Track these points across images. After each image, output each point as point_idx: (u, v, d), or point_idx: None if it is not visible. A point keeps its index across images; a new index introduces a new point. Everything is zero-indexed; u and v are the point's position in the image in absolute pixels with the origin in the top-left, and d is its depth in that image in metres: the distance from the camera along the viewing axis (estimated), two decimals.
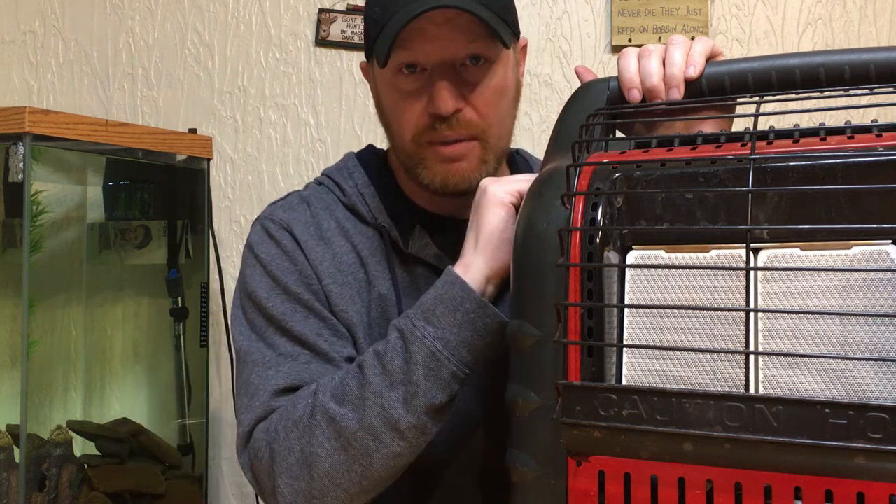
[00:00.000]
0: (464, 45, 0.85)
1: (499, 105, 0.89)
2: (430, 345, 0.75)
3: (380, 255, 0.91)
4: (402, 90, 0.88)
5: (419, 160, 0.89)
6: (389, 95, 0.90)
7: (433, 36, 0.84)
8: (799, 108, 0.62)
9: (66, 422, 1.61)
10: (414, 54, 0.85)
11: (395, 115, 0.90)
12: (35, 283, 1.61)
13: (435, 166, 0.88)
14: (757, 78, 0.69)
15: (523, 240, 0.62)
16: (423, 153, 0.88)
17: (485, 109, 0.87)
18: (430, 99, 0.85)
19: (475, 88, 0.86)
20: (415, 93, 0.87)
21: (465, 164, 0.88)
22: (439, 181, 0.89)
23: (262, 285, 0.89)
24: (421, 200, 0.96)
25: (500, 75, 0.88)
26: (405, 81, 0.87)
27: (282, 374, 0.84)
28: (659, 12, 1.76)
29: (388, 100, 0.91)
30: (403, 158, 0.92)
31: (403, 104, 0.88)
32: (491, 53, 0.87)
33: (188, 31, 1.91)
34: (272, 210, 0.95)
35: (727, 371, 0.54)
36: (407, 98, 0.87)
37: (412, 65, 0.86)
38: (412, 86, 0.87)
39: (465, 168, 0.88)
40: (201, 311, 1.81)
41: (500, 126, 0.90)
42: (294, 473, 0.78)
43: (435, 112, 0.85)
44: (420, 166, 0.89)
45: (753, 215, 0.55)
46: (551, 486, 0.58)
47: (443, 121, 0.86)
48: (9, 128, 1.33)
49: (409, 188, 0.96)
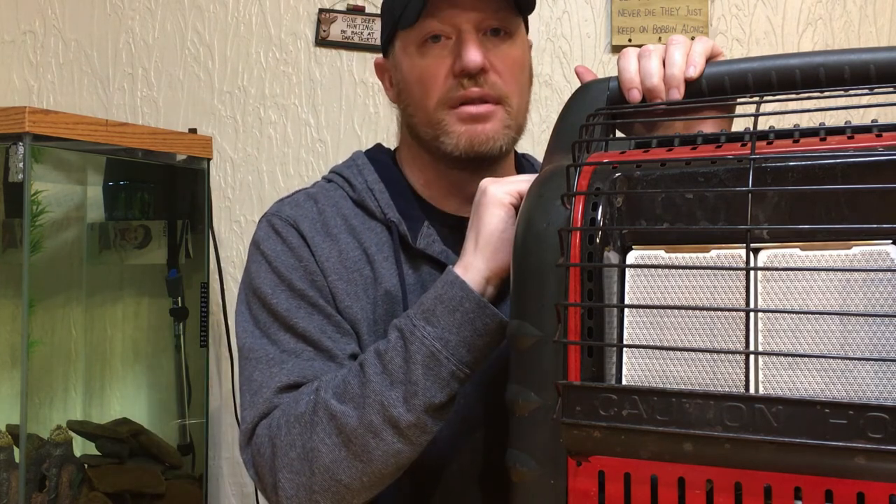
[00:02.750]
0: (489, 14, 0.88)
1: (519, 77, 0.92)
2: (430, 344, 0.75)
3: (387, 250, 0.91)
4: (426, 56, 0.89)
5: (442, 128, 0.89)
6: (414, 64, 0.91)
7: (460, 3, 0.87)
8: (799, 108, 0.62)
9: (66, 422, 1.61)
10: (442, 20, 0.87)
11: (420, 82, 0.90)
12: (35, 283, 1.61)
13: (459, 128, 0.89)
14: (757, 78, 0.69)
15: (523, 240, 0.62)
16: (447, 118, 0.89)
17: (508, 76, 0.90)
18: (457, 57, 0.87)
19: (499, 54, 0.89)
20: (441, 57, 0.89)
21: (490, 125, 0.89)
22: (465, 142, 0.89)
23: (267, 281, 0.89)
24: (430, 197, 0.96)
25: (518, 49, 0.92)
26: (431, 49, 0.89)
27: (285, 372, 0.84)
28: (659, 12, 1.76)
29: (411, 72, 0.91)
30: (425, 131, 0.92)
31: (429, 70, 0.89)
32: (511, 27, 0.90)
33: (188, 31, 1.91)
34: (279, 206, 0.95)
35: (727, 371, 0.54)
36: (432, 65, 0.89)
37: (437, 36, 0.88)
38: (438, 53, 0.89)
39: (489, 130, 0.89)
40: (201, 311, 1.81)
41: (520, 98, 0.92)
42: (295, 468, 0.78)
43: (464, 66, 0.87)
44: (443, 133, 0.90)
45: (753, 215, 0.55)
46: (551, 486, 0.58)
47: (470, 78, 0.87)
48: (9, 128, 1.33)
49: (418, 185, 0.97)
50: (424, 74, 0.90)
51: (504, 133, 0.89)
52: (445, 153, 0.90)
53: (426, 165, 0.96)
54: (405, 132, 0.97)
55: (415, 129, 0.94)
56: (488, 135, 0.89)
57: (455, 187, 0.95)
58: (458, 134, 0.89)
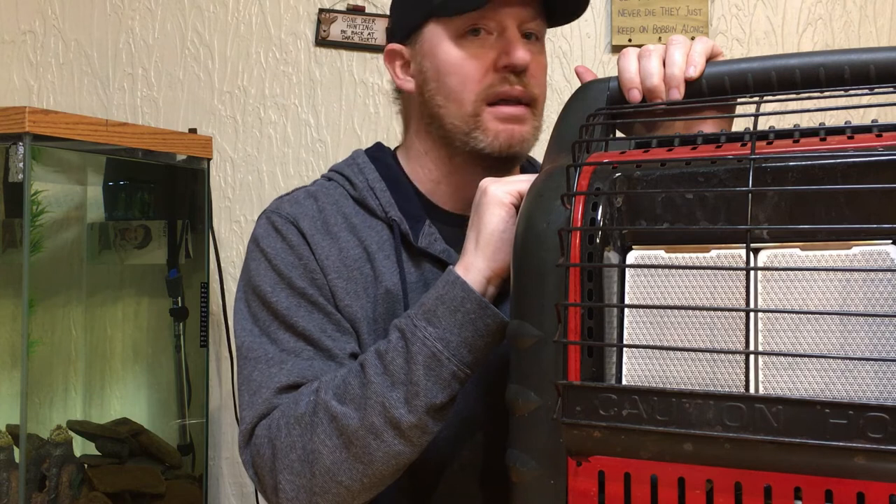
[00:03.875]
0: (528, 17, 0.90)
1: (545, 83, 0.94)
2: (431, 345, 0.75)
3: (388, 249, 0.91)
4: (469, 49, 0.89)
5: (476, 124, 0.90)
6: (453, 56, 0.90)
7: (507, 2, 0.88)
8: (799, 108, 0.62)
9: (66, 422, 1.61)
10: (487, 16, 0.88)
11: (459, 74, 0.90)
12: (35, 283, 1.61)
13: (497, 126, 0.89)
14: (757, 78, 0.69)
15: (523, 240, 0.62)
16: (483, 114, 0.89)
17: (541, 79, 0.92)
18: (502, 53, 0.88)
19: (534, 58, 0.90)
20: (482, 53, 0.89)
21: (525, 128, 0.91)
22: (503, 139, 0.89)
23: (266, 279, 0.89)
24: (432, 195, 0.96)
25: (545, 56, 0.94)
26: (471, 44, 0.89)
27: (284, 372, 0.84)
28: (659, 12, 1.76)
29: (448, 61, 0.90)
30: (457, 124, 0.91)
31: (469, 63, 0.89)
32: (542, 34, 0.93)
33: (188, 31, 1.91)
34: (279, 204, 0.95)
35: (727, 371, 0.54)
36: (473, 58, 0.89)
37: (476, 29, 0.89)
38: (479, 46, 0.89)
39: (524, 131, 0.90)
40: (201, 311, 1.81)
41: (544, 102, 0.94)
42: (296, 470, 0.78)
43: (512, 63, 0.87)
44: (477, 129, 0.90)
45: (753, 215, 0.55)
46: (551, 486, 0.58)
47: (516, 75, 0.88)
48: (9, 128, 1.33)
49: (419, 183, 0.96)
50: (466, 66, 0.89)
51: (533, 135, 0.92)
52: (476, 149, 0.90)
53: (440, 160, 0.95)
54: (421, 124, 0.95)
55: (440, 119, 0.92)
56: (524, 136, 0.90)
57: (465, 185, 0.93)
58: (497, 132, 0.89)
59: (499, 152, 0.89)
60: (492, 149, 0.89)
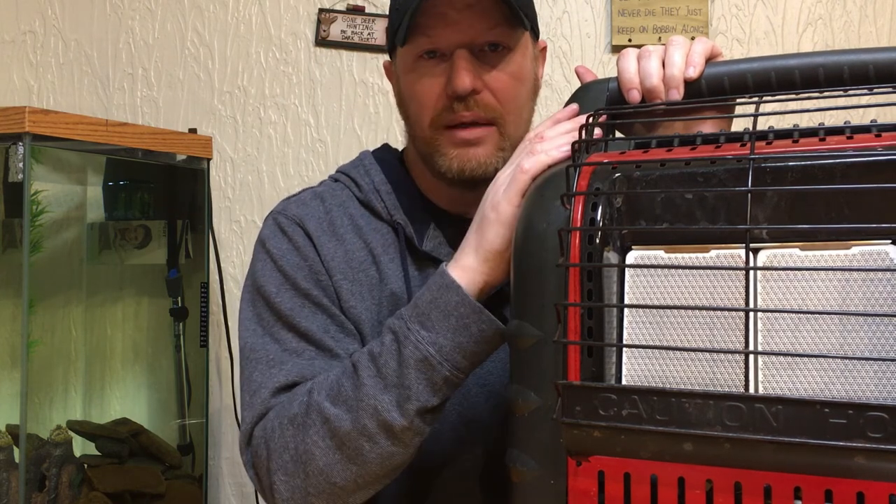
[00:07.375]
0: (483, 31, 0.86)
1: (517, 93, 0.89)
2: (424, 349, 0.74)
3: (393, 252, 0.91)
4: (421, 74, 0.88)
5: (436, 147, 0.89)
6: (409, 82, 0.90)
7: (453, 20, 0.85)
8: (798, 108, 0.62)
9: (66, 422, 1.61)
10: (434, 40, 0.86)
11: (415, 100, 0.90)
12: (35, 283, 1.61)
13: (451, 151, 0.88)
14: (756, 78, 0.69)
15: (523, 240, 0.63)
16: (440, 139, 0.88)
17: (502, 94, 0.88)
18: (448, 79, 0.86)
19: (493, 73, 0.87)
20: (434, 76, 0.87)
21: (482, 149, 0.88)
22: (456, 167, 0.88)
23: (271, 280, 0.89)
24: (437, 199, 0.95)
25: (518, 63, 0.89)
26: (425, 66, 0.88)
27: (283, 372, 0.84)
28: (659, 12, 1.76)
29: (407, 86, 0.91)
30: (422, 147, 0.92)
31: (422, 88, 0.88)
32: (510, 41, 0.88)
33: (188, 31, 1.91)
34: (285, 205, 0.95)
35: (727, 371, 0.54)
36: (426, 82, 0.88)
37: (432, 51, 0.87)
38: (432, 70, 0.88)
39: (481, 154, 0.87)
40: (201, 311, 1.81)
41: (517, 115, 0.90)
42: (289, 471, 0.78)
43: (453, 91, 0.85)
44: (437, 153, 0.89)
45: (753, 215, 0.55)
46: (551, 486, 0.58)
47: (460, 101, 0.86)
48: (9, 128, 1.33)
49: (425, 186, 0.96)
50: (418, 92, 0.89)
51: (497, 155, 0.88)
52: (439, 172, 0.90)
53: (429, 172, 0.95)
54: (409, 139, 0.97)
55: (414, 141, 0.94)
56: (479, 160, 0.87)
57: (456, 196, 0.94)
58: (451, 157, 0.88)
59: (457, 176, 0.88)
60: (451, 173, 0.89)
